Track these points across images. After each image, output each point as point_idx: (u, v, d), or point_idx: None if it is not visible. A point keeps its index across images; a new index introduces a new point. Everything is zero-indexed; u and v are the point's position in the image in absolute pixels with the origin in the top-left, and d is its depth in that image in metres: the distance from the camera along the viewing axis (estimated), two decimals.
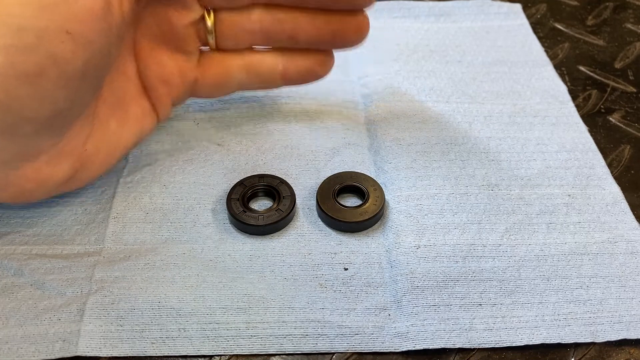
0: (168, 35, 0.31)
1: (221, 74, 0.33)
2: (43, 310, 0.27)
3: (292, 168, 0.35)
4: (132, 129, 0.32)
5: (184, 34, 0.31)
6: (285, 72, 0.34)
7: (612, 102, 0.40)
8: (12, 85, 0.23)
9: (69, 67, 0.24)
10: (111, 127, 0.30)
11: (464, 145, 0.36)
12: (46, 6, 0.23)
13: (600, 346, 0.27)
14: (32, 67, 0.23)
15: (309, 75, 0.35)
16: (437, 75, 0.41)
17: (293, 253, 0.30)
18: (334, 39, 0.33)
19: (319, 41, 0.33)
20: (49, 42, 0.23)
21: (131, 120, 0.31)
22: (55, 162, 0.28)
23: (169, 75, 0.32)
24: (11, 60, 0.23)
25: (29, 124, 0.25)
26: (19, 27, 0.23)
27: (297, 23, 0.32)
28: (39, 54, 0.23)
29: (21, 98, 0.24)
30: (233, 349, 0.27)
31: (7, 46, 0.22)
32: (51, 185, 0.28)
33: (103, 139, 0.30)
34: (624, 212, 0.32)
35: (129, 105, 0.31)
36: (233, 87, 0.34)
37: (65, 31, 0.24)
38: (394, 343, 0.27)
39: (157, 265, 0.29)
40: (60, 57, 0.24)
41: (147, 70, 0.32)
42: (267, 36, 0.33)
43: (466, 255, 0.30)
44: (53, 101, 0.25)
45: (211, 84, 0.34)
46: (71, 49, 0.24)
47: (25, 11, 0.23)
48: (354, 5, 0.32)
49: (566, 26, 0.47)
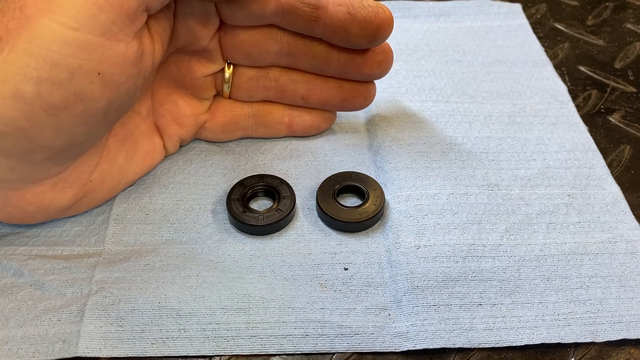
0: (187, 82, 0.33)
1: (230, 120, 0.35)
2: (43, 311, 0.27)
3: (292, 168, 0.35)
4: (140, 163, 0.32)
5: (202, 83, 0.33)
6: (290, 125, 0.35)
7: (612, 102, 0.40)
8: (36, 114, 0.24)
9: (94, 105, 0.25)
10: (119, 161, 0.31)
11: (464, 145, 0.36)
12: (84, 47, 0.24)
13: (600, 346, 0.27)
14: (59, 101, 0.24)
15: (312, 130, 0.36)
16: (437, 75, 0.41)
17: (293, 253, 0.30)
18: (343, 103, 0.35)
19: (328, 104, 0.35)
20: (80, 81, 0.24)
21: (139, 154, 0.32)
22: (59, 189, 0.28)
23: (183, 117, 0.33)
24: (41, 91, 0.23)
25: (43, 152, 0.26)
26: (55, 62, 0.23)
27: (311, 86, 0.34)
28: (68, 90, 0.24)
29: (42, 127, 0.24)
30: (233, 349, 0.27)
31: (40, 79, 0.23)
32: (52, 211, 0.29)
33: (109, 171, 0.31)
34: (624, 212, 0.32)
35: (139, 140, 0.32)
36: (238, 133, 0.35)
37: (96, 72, 0.24)
38: (394, 343, 0.27)
39: (157, 266, 0.29)
40: (87, 96, 0.25)
41: (162, 110, 0.33)
42: (281, 94, 0.34)
43: (466, 255, 0.30)
44: (71, 134, 0.26)
45: (219, 128, 0.35)
46: (99, 89, 0.25)
47: (64, 49, 0.23)
48: (370, 78, 0.34)
49: (566, 26, 0.47)
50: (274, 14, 0.30)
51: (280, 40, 0.32)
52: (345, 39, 0.31)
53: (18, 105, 0.23)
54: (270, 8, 0.30)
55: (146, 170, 0.33)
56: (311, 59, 0.33)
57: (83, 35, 0.23)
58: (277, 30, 0.32)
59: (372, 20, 0.30)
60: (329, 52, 0.32)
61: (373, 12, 0.30)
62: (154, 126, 0.33)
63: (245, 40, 0.31)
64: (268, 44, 0.32)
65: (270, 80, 0.34)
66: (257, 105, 0.35)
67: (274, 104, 0.35)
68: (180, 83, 0.33)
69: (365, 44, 0.31)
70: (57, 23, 0.23)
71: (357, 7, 0.30)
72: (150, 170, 0.33)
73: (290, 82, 0.34)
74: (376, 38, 0.31)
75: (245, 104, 0.35)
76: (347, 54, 0.32)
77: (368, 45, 0.32)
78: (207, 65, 0.32)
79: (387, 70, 0.34)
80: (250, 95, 0.34)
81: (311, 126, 0.36)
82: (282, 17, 0.30)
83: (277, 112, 0.35)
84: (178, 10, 0.29)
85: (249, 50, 0.32)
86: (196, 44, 0.31)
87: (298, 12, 0.30)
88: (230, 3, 0.29)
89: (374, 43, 0.32)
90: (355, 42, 0.31)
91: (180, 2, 0.28)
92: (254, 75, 0.33)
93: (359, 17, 0.30)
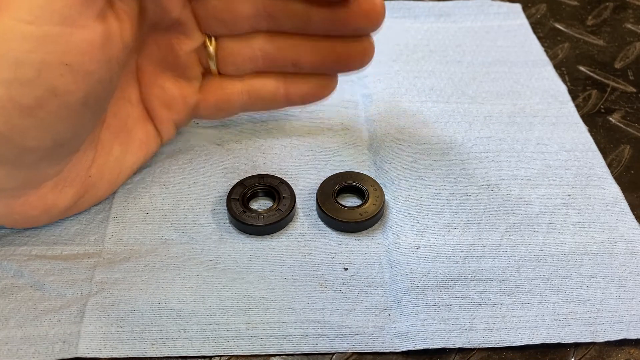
0: (170, 62, 0.31)
1: (223, 98, 0.33)
2: (43, 312, 0.27)
3: (292, 168, 0.35)
4: (136, 153, 0.32)
5: (186, 60, 0.31)
6: (287, 95, 0.34)
7: (612, 102, 0.40)
8: (12, 117, 0.23)
9: (70, 98, 0.24)
10: (115, 152, 0.31)
11: (464, 145, 0.36)
12: (44, 39, 0.23)
13: (600, 346, 0.27)
14: (32, 100, 0.23)
15: (311, 98, 0.34)
16: (437, 75, 0.41)
17: (293, 253, 0.30)
18: (338, 64, 0.32)
19: (323, 67, 0.33)
20: (48, 75, 0.23)
21: (135, 144, 0.32)
22: (59, 189, 0.28)
23: (171, 100, 0.32)
24: (11, 94, 0.23)
25: (32, 154, 0.25)
26: (17, 61, 0.22)
27: (300, 50, 0.32)
28: (39, 87, 0.23)
29: (22, 129, 0.24)
30: (233, 349, 0.27)
31: (6, 80, 0.22)
32: (55, 212, 0.29)
33: (107, 164, 0.30)
34: (624, 212, 0.32)
35: (132, 129, 0.32)
36: (235, 110, 0.34)
37: (64, 64, 0.23)
38: (394, 343, 0.27)
39: (157, 266, 0.29)
40: (60, 90, 0.24)
41: (150, 95, 0.32)
42: (270, 63, 0.33)
43: (466, 255, 0.30)
44: (55, 131, 0.25)
45: (213, 108, 0.33)
46: (71, 81, 0.24)
47: (24, 45, 0.22)
48: (360, 32, 0.31)
49: (566, 26, 0.47)
50: None
51: (254, 2, 0.30)
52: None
53: None
54: None
55: (143, 159, 0.32)
56: (291, 18, 0.31)
57: (40, 28, 0.22)
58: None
59: None
60: (307, 9, 0.30)
61: None
62: (146, 114, 0.32)
63: (217, 6, 0.30)
64: (242, 7, 0.30)
65: (255, 49, 0.32)
66: (249, 80, 0.33)
67: (266, 76, 0.33)
68: (164, 64, 0.31)
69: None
70: (11, 19, 0.22)
71: None
72: (147, 158, 0.33)
73: (277, 50, 0.32)
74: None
75: (236, 81, 0.33)
76: (328, 9, 0.30)
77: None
78: (185, 41, 0.31)
79: (378, 21, 0.31)
80: (238, 69, 0.33)
81: (310, 94, 0.34)
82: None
83: (271, 84, 0.33)
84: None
85: (223, 16, 0.30)
86: (167, 16, 0.29)
87: None
88: None
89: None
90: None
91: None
92: (238, 46, 0.32)
93: None
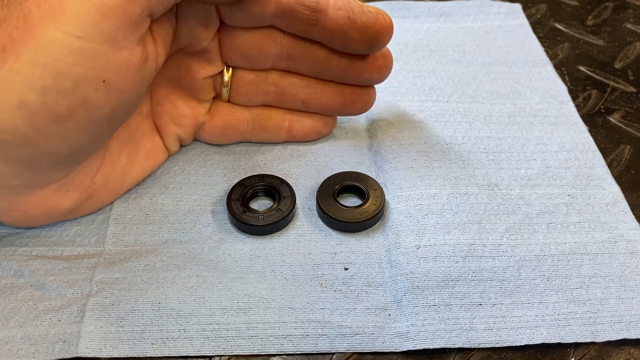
0: (186, 83, 0.32)
1: (229, 123, 0.34)
2: (43, 311, 0.27)
3: (292, 168, 0.35)
4: (142, 164, 0.32)
5: (202, 84, 0.33)
6: (290, 130, 0.35)
7: (612, 102, 0.40)
8: (41, 123, 0.24)
9: (98, 112, 0.25)
10: (121, 162, 0.31)
11: (464, 145, 0.36)
12: (89, 55, 0.24)
13: (600, 346, 0.27)
14: (64, 109, 0.24)
15: (312, 135, 0.36)
16: (437, 75, 0.41)
17: (293, 253, 0.30)
18: (343, 107, 0.35)
19: (328, 109, 0.35)
20: (84, 89, 0.24)
21: (142, 154, 0.32)
22: (62, 193, 0.28)
23: (181, 117, 0.33)
24: (46, 100, 0.23)
25: (48, 159, 0.26)
26: (59, 72, 0.23)
27: (311, 91, 0.34)
28: (73, 99, 0.24)
29: (47, 136, 0.24)
30: (233, 349, 0.27)
31: (45, 88, 0.23)
32: (56, 214, 0.29)
33: (112, 173, 0.31)
34: (624, 212, 0.32)
35: (141, 140, 0.32)
36: (237, 137, 0.35)
37: (101, 80, 0.24)
38: (394, 343, 0.27)
39: (158, 266, 0.29)
40: (91, 104, 0.25)
41: (161, 110, 0.33)
42: (280, 98, 0.34)
43: (466, 255, 0.30)
44: (76, 141, 0.26)
45: (218, 131, 0.35)
46: (104, 96, 0.25)
47: (69, 57, 0.23)
48: (369, 83, 0.34)
49: (566, 26, 0.47)
50: (273, 15, 0.30)
51: (279, 43, 0.32)
52: (344, 44, 0.31)
53: (23, 114, 0.23)
54: (269, 10, 0.30)
55: (149, 170, 0.33)
56: (311, 62, 0.33)
57: (87, 44, 0.23)
58: (276, 33, 0.31)
59: (372, 26, 0.30)
60: (328, 57, 0.32)
61: (373, 18, 0.30)
62: (154, 125, 0.33)
63: (244, 41, 0.31)
64: (267, 46, 0.32)
65: (270, 84, 0.33)
66: (257, 110, 0.35)
67: (273, 108, 0.35)
68: (179, 84, 0.33)
69: (364, 49, 0.31)
70: (62, 32, 0.23)
71: (357, 12, 0.30)
72: (153, 170, 0.33)
73: (290, 87, 0.34)
74: (375, 44, 0.31)
75: (244, 109, 0.34)
76: (346, 59, 0.32)
77: (367, 51, 0.32)
78: (206, 67, 0.32)
79: (386, 75, 0.34)
80: (249, 100, 0.34)
81: (311, 131, 0.35)
82: (281, 20, 0.30)
83: (277, 116, 0.35)
84: (179, 12, 0.29)
85: (248, 52, 0.32)
86: (197, 45, 0.30)
87: (297, 15, 0.30)
88: (230, 5, 0.29)
89: (373, 49, 0.31)
90: (354, 47, 0.31)
91: (181, 4, 0.28)
92: (253, 79, 0.33)
93: (358, 22, 0.30)
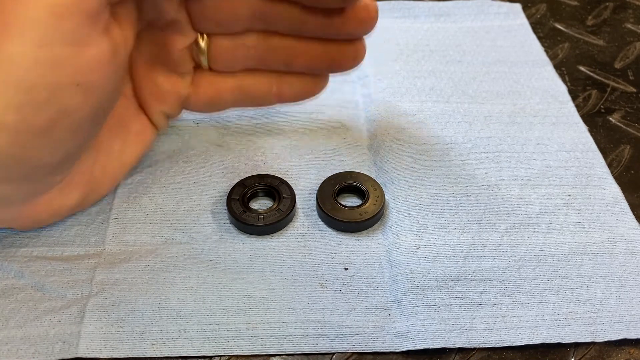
0: (163, 58, 0.31)
1: (214, 93, 0.33)
2: (43, 312, 0.27)
3: (292, 168, 0.35)
4: (135, 145, 0.32)
5: (179, 57, 0.31)
6: (279, 93, 0.34)
7: (612, 102, 0.40)
8: (25, 139, 0.23)
9: (80, 115, 0.25)
10: (115, 148, 0.31)
11: (464, 145, 0.36)
12: (56, 62, 0.23)
13: (600, 346, 0.27)
14: (44, 121, 0.23)
15: (303, 95, 0.34)
16: (437, 75, 0.41)
17: (293, 253, 0.30)
18: (330, 65, 0.33)
19: (315, 68, 0.33)
20: (60, 96, 0.23)
21: (132, 136, 0.32)
22: (66, 192, 0.28)
23: (164, 93, 0.32)
24: (24, 117, 0.23)
25: (42, 169, 0.25)
26: (30, 85, 0.23)
27: (293, 50, 0.32)
28: (51, 109, 0.23)
29: (35, 150, 0.24)
30: (233, 349, 0.27)
31: (19, 104, 0.23)
32: (63, 212, 0.29)
33: (109, 161, 0.31)
34: (624, 212, 0.32)
35: (129, 123, 0.32)
36: (226, 105, 0.34)
37: (75, 84, 0.24)
38: (394, 343, 0.27)
39: (157, 266, 0.29)
40: (71, 109, 0.24)
41: (143, 89, 0.32)
42: (262, 61, 0.33)
43: (466, 255, 0.30)
44: (65, 147, 0.25)
45: (204, 103, 0.33)
46: (81, 99, 0.24)
47: (37, 69, 0.22)
48: (353, 36, 0.32)
49: (566, 26, 0.47)
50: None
51: (249, 3, 0.30)
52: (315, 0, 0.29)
53: (4, 135, 0.23)
54: None
55: (142, 150, 0.32)
56: (286, 21, 0.31)
57: (51, 51, 0.22)
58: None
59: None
60: (303, 13, 0.30)
61: None
62: (139, 106, 0.32)
63: (212, 6, 0.29)
64: (237, 8, 0.30)
65: (248, 48, 0.32)
66: (241, 77, 0.33)
67: (258, 73, 0.33)
68: (156, 60, 0.31)
69: (338, 2, 0.29)
70: (21, 45, 0.22)
71: None
72: (146, 149, 0.33)
73: (269, 49, 0.32)
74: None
75: (228, 77, 0.33)
76: (323, 14, 0.30)
77: (341, 4, 0.29)
78: (179, 39, 0.30)
79: (371, 27, 0.31)
80: (229, 66, 0.32)
81: (302, 92, 0.34)
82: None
83: (263, 82, 0.33)
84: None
85: (218, 16, 0.30)
86: (163, 17, 0.29)
87: None
88: None
89: (347, 1, 0.29)
90: (326, 1, 0.29)
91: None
92: (230, 44, 0.31)
93: None
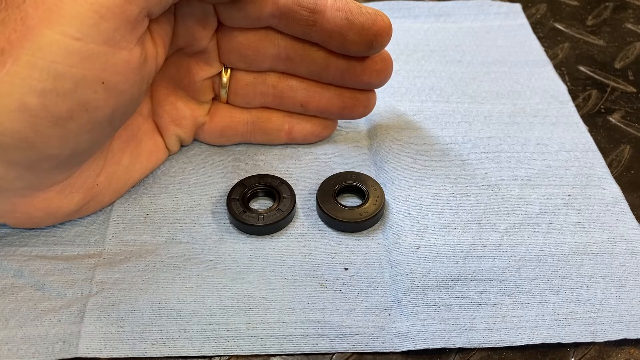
0: (185, 84, 0.32)
1: (229, 125, 0.34)
2: (43, 312, 0.27)
3: (292, 168, 0.35)
4: (144, 163, 0.32)
5: (201, 85, 0.33)
6: (290, 133, 0.35)
7: (612, 102, 0.40)
8: (42, 126, 0.24)
9: (98, 113, 0.25)
10: (124, 162, 0.31)
11: (464, 145, 0.36)
12: (88, 56, 0.23)
13: (600, 346, 0.27)
14: (64, 111, 0.24)
15: (312, 137, 0.36)
16: (437, 75, 0.41)
17: (293, 253, 0.30)
18: (342, 111, 0.34)
19: (327, 112, 0.34)
20: (84, 91, 0.24)
21: (144, 154, 0.32)
22: (65, 194, 0.28)
23: (181, 118, 0.33)
24: (45, 103, 0.23)
25: (49, 161, 0.26)
26: (58, 74, 0.23)
27: (310, 93, 0.34)
28: (73, 100, 0.24)
29: (48, 138, 0.24)
30: (233, 349, 0.27)
31: (45, 90, 0.23)
32: (59, 215, 0.29)
33: (115, 173, 0.31)
34: (624, 212, 0.32)
35: (142, 140, 0.32)
36: (237, 138, 0.35)
37: (100, 81, 0.24)
38: (394, 343, 0.27)
39: (158, 266, 0.29)
40: (91, 105, 0.25)
41: (161, 110, 0.33)
42: (278, 100, 0.34)
43: (466, 255, 0.30)
44: (77, 142, 0.26)
45: (217, 132, 0.35)
46: (103, 98, 0.25)
47: (68, 59, 0.23)
48: (369, 86, 0.33)
49: (566, 26, 0.47)
50: (271, 16, 0.30)
51: (277, 44, 0.32)
52: (342, 45, 0.31)
53: (23, 117, 0.23)
54: (267, 10, 0.29)
55: (151, 169, 0.33)
56: (309, 64, 0.32)
57: (86, 45, 0.23)
58: (274, 34, 0.31)
59: (370, 28, 0.30)
60: (327, 58, 0.32)
61: (371, 19, 0.30)
62: (155, 125, 0.33)
63: (242, 42, 0.31)
64: (265, 47, 0.31)
65: (268, 86, 0.33)
66: (256, 112, 0.35)
67: (273, 110, 0.35)
68: (178, 85, 0.33)
69: (363, 51, 0.31)
70: (60, 34, 0.23)
71: (356, 13, 0.30)
72: (154, 169, 0.34)
73: (288, 89, 0.33)
74: (374, 45, 0.31)
75: (244, 110, 0.34)
76: (345, 61, 0.32)
77: (365, 53, 0.31)
78: (205, 69, 0.32)
79: (386, 79, 0.33)
80: (247, 101, 0.34)
81: (311, 134, 0.35)
82: (279, 20, 0.30)
83: (277, 119, 0.35)
84: (177, 11, 0.29)
85: (245, 53, 0.32)
86: (195, 45, 0.30)
87: (295, 16, 0.30)
88: (227, 4, 0.29)
89: (371, 51, 0.31)
90: (352, 49, 0.31)
91: (180, 3, 0.28)
92: (252, 80, 0.33)
93: (356, 23, 0.30)
